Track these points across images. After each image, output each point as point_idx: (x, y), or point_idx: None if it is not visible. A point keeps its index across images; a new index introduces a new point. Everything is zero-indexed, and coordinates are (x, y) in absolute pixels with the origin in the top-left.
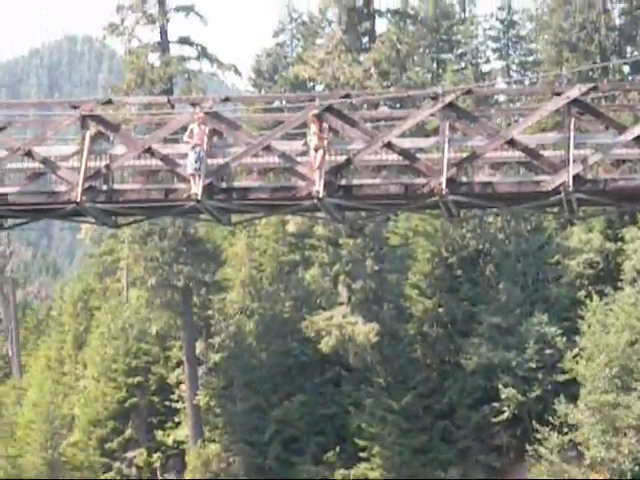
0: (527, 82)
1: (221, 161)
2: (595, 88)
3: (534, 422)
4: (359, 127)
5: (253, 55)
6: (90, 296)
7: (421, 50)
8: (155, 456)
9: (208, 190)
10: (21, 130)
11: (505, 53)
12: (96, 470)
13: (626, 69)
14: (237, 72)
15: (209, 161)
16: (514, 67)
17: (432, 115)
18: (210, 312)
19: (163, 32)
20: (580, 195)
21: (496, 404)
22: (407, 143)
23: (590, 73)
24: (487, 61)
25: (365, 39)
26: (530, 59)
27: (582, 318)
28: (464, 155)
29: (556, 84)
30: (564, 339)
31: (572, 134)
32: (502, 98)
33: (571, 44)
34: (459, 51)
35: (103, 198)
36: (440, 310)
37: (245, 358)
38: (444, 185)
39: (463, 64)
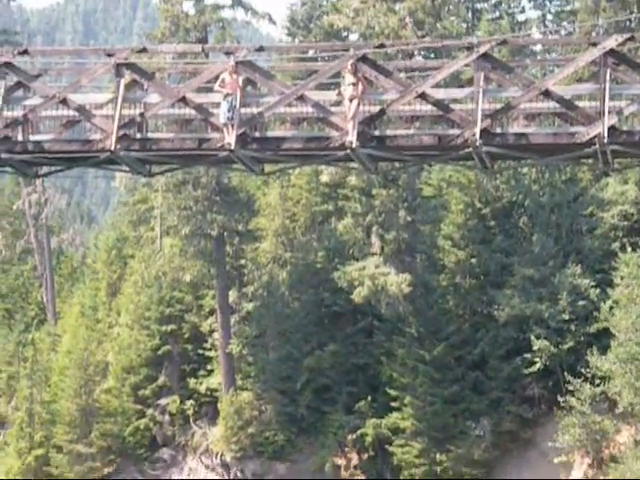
0: (563, 32)
1: (254, 111)
2: (632, 38)
3: (566, 374)
4: (393, 77)
5: (287, 3)
6: (124, 244)
7: None
8: (188, 403)
9: (241, 140)
10: (56, 77)
11: (541, 2)
12: (129, 417)
13: None
14: (271, 21)
15: (243, 110)
16: (550, 17)
17: (466, 65)
18: (243, 261)
19: None
20: (615, 147)
21: (528, 355)
22: (441, 94)
23: (627, 23)
24: (522, 11)
25: None
26: (566, 9)
27: (615, 270)
28: (498, 106)
29: (592, 34)
30: (597, 291)
31: (607, 85)
32: (538, 48)
33: None
34: (494, 0)
35: (137, 146)
36: (473, 261)
37: (278, 307)
38: (478, 136)
39: (498, 13)
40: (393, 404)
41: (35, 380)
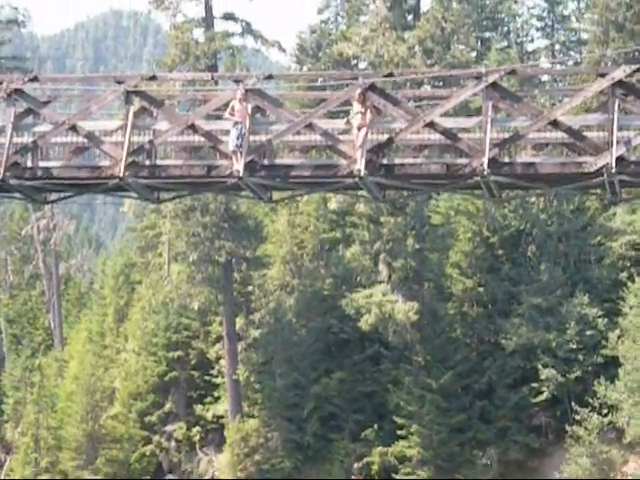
0: (571, 62)
1: (263, 138)
2: None
3: (573, 403)
4: (401, 106)
5: (297, 32)
6: (132, 270)
7: (465, 28)
8: (194, 430)
9: (250, 167)
10: (66, 104)
11: (550, 32)
12: (135, 443)
13: None
14: (281, 48)
15: (252, 138)
16: (558, 47)
17: (475, 95)
18: (250, 288)
19: (208, 7)
20: (623, 177)
21: (535, 384)
22: (450, 123)
23: (636, 54)
24: (531, 40)
25: (410, 17)
26: (575, 38)
27: (623, 300)
28: (507, 135)
29: (601, 64)
30: (605, 320)
31: (616, 115)
32: (546, 78)
33: (617, 24)
34: (503, 30)
35: (146, 173)
36: (480, 290)
37: (285, 334)
38: (486, 165)
39: (507, 43)
40: (400, 432)
41: (42, 406)
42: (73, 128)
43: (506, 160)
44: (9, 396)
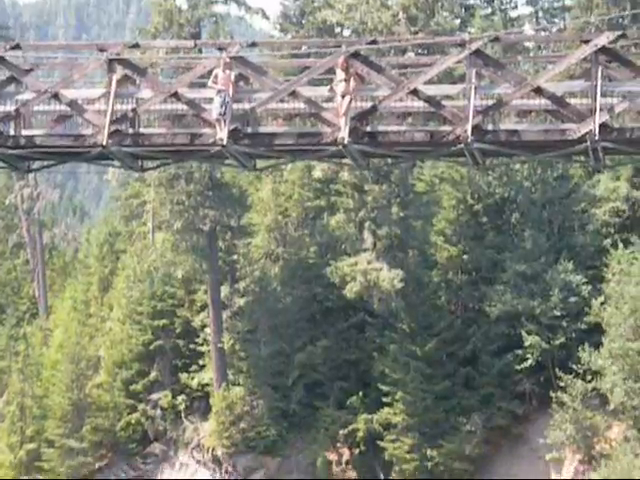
0: (555, 29)
1: (247, 106)
2: (624, 36)
3: (557, 370)
4: (385, 73)
5: None
6: (116, 239)
7: None
8: (179, 398)
9: (233, 135)
10: (49, 72)
11: None
12: (121, 411)
13: None
14: (265, 16)
15: (235, 106)
16: (542, 13)
17: (459, 62)
18: (235, 256)
19: None
20: (606, 144)
21: (519, 351)
22: (433, 90)
23: (620, 20)
24: (515, 7)
25: None
26: (559, 5)
27: (607, 266)
28: (490, 103)
29: (585, 31)
30: (589, 287)
31: (599, 82)
32: (530, 44)
33: None
34: None
35: (129, 142)
36: (465, 257)
37: (270, 303)
38: (469, 133)
39: (491, 10)
40: (385, 399)
41: (27, 374)
42: (56, 96)
43: (490, 127)
44: None
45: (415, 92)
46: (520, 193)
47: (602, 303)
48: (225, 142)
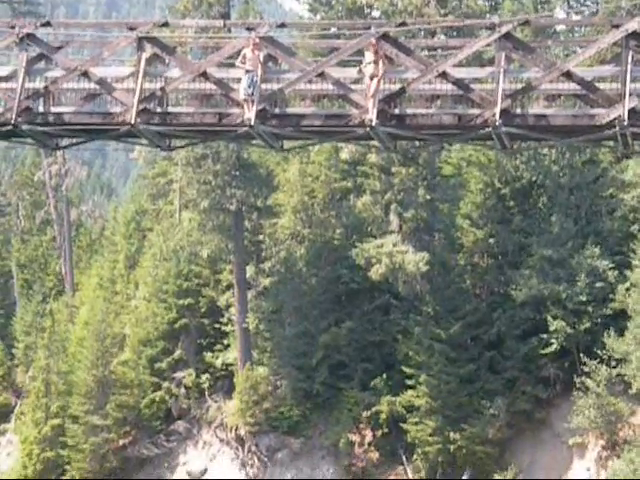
0: (587, 12)
1: (275, 87)
2: None
3: (582, 355)
4: (414, 56)
5: None
6: (143, 217)
7: None
8: (203, 377)
9: (261, 115)
10: (78, 50)
11: None
12: (145, 389)
13: None
14: None
15: (263, 86)
16: None
17: (488, 45)
18: (261, 237)
19: None
20: (635, 129)
21: (544, 336)
22: (462, 73)
23: None
24: None
25: None
26: None
27: (634, 252)
28: (519, 86)
29: (616, 15)
30: (615, 273)
31: (629, 67)
32: (561, 28)
33: None
34: None
35: (157, 120)
36: (491, 241)
37: (295, 283)
38: (498, 116)
39: None
40: (408, 382)
41: (52, 351)
42: (85, 74)
43: (518, 111)
44: (20, 340)
45: (444, 75)
46: (548, 177)
47: (627, 289)
48: (253, 122)
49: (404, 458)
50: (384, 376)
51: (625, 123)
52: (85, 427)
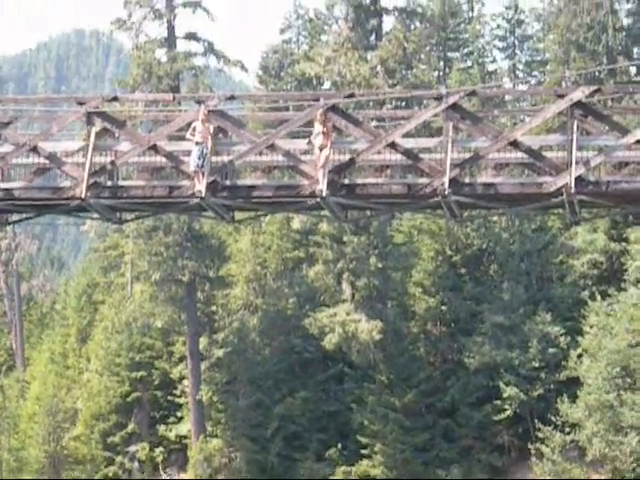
0: (533, 82)
1: (225, 159)
2: (598, 91)
3: (536, 421)
4: (363, 126)
5: (260, 51)
6: (94, 290)
7: (428, 48)
8: (157, 451)
9: (212, 188)
10: (27, 125)
11: (512, 52)
12: (98, 464)
13: (633, 70)
14: (244, 68)
15: (214, 159)
16: (520, 67)
17: (436, 115)
18: (214, 307)
19: (170, 27)
20: (582, 197)
21: (498, 403)
22: (411, 143)
23: (597, 74)
24: (494, 60)
25: (372, 37)
26: (537, 59)
27: (585, 318)
28: (467, 156)
29: (562, 85)
30: (567, 339)
31: (575, 136)
32: (509, 97)
33: (578, 44)
34: (466, 50)
35: (108, 194)
36: (443, 308)
37: (248, 354)
38: (447, 185)
39: (470, 63)
40: (364, 451)
41: (3, 427)
42: (34, 149)
43: (467, 180)
44: None
45: (393, 145)
46: (498, 245)
47: (579, 355)
48: (203, 194)
49: None
50: (339, 446)
51: (572, 191)
52: None
